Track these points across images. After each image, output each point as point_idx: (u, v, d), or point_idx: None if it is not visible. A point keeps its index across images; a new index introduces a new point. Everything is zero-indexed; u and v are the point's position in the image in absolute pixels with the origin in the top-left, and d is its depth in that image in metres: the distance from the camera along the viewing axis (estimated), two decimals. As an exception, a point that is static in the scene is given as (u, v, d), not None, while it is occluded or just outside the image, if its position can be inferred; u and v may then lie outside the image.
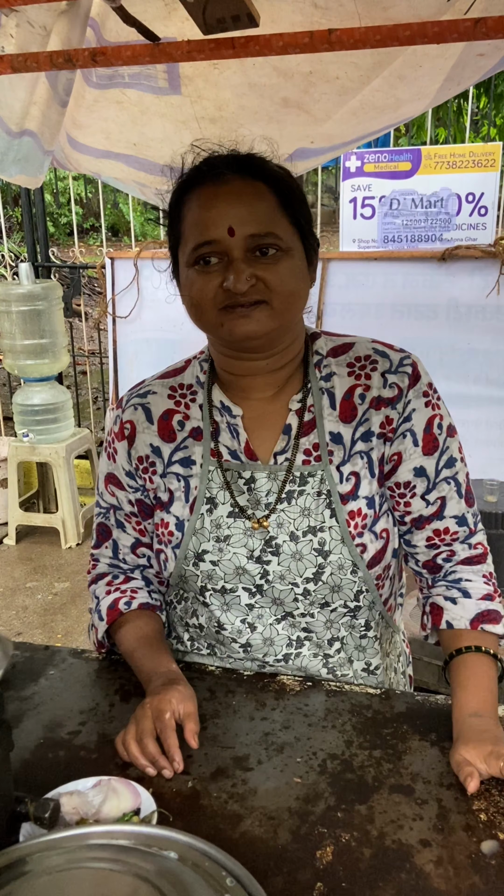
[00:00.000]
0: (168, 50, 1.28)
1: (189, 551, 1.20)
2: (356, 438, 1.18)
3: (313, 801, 0.97)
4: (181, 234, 1.13)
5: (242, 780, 1.01)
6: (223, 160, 1.11)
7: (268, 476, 1.18)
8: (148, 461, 1.24)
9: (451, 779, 1.01)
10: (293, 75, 1.73)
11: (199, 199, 1.09)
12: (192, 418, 1.24)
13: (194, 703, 1.09)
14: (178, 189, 1.14)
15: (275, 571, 1.18)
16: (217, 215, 1.07)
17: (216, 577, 1.20)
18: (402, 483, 1.19)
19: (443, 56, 1.71)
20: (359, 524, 1.16)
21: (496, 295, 3.59)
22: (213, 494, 1.20)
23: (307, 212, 1.15)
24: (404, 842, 0.91)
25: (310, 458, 1.18)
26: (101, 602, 1.30)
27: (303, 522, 1.16)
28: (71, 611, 3.62)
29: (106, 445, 1.31)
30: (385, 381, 1.17)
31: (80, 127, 2.05)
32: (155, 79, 1.79)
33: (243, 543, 1.18)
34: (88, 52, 1.32)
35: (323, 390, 1.20)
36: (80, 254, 5.23)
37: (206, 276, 1.08)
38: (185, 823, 0.94)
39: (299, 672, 1.25)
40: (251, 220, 1.06)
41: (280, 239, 1.08)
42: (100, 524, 1.34)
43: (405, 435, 1.17)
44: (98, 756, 1.07)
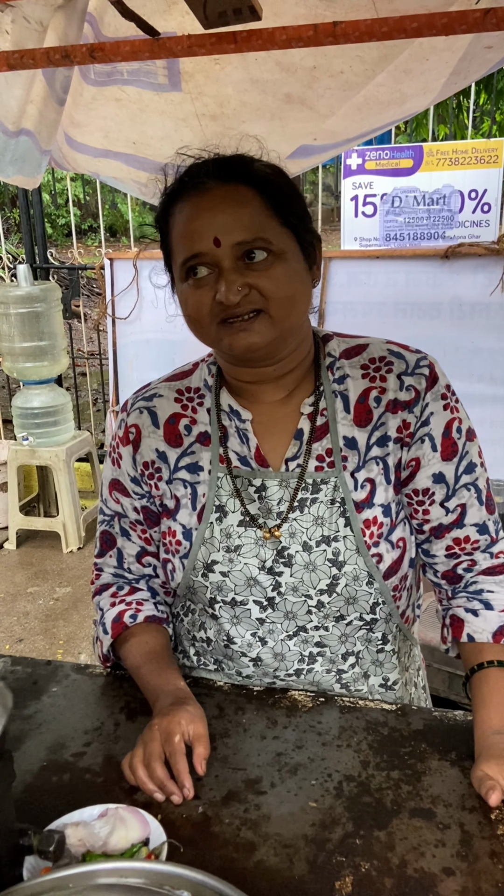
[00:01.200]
0: (168, 45, 1.23)
1: (198, 561, 1.16)
2: (371, 443, 1.13)
3: (330, 827, 0.93)
4: (171, 248, 1.10)
5: (255, 804, 0.97)
6: (205, 168, 1.06)
7: (279, 484, 1.14)
8: (153, 467, 1.20)
9: (473, 801, 0.96)
10: (296, 70, 1.68)
11: (182, 211, 1.06)
12: (199, 423, 1.19)
13: (204, 725, 1.04)
14: (164, 202, 1.10)
15: (287, 583, 1.14)
16: (201, 226, 1.03)
17: (226, 589, 1.16)
18: (421, 490, 1.15)
19: (450, 49, 1.67)
20: (374, 533, 1.12)
21: (500, 293, 3.55)
22: (222, 502, 1.15)
23: (300, 209, 1.10)
24: (427, 870, 0.87)
25: (322, 464, 1.13)
26: (105, 615, 1.25)
27: (316, 532, 1.12)
28: (73, 616, 3.58)
29: (110, 451, 1.26)
30: (401, 383, 1.13)
31: (78, 125, 2.01)
32: (155, 75, 1.74)
33: (254, 554, 1.14)
34: (86, 48, 1.28)
35: (336, 393, 1.15)
36: (79, 255, 5.18)
37: (199, 291, 1.05)
38: (196, 853, 0.89)
39: (311, 686, 1.21)
40: (237, 228, 1.02)
41: (270, 243, 1.03)
42: (103, 532, 1.29)
43: (423, 440, 1.13)
44: (104, 780, 1.03)
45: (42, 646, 3.35)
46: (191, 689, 1.14)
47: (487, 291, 3.56)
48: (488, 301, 3.58)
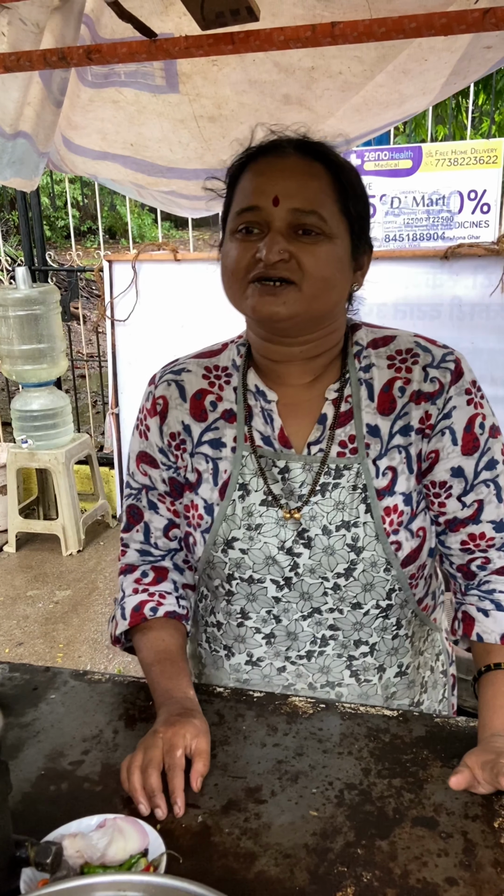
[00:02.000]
0: (165, 46, 1.23)
1: (219, 537, 1.17)
2: (394, 432, 1.14)
3: (331, 836, 0.92)
4: (231, 202, 1.12)
5: (255, 813, 0.96)
6: (290, 139, 1.11)
7: (303, 466, 1.15)
8: (179, 438, 1.22)
9: (476, 810, 0.95)
10: (294, 71, 1.68)
11: (254, 169, 1.09)
12: (224, 400, 1.21)
13: (208, 741, 1.03)
14: (239, 161, 1.13)
15: (305, 564, 1.14)
16: (266, 183, 1.05)
17: (244, 566, 1.17)
18: (438, 482, 1.15)
19: (449, 49, 1.66)
20: (394, 521, 1.13)
21: (500, 293, 3.54)
22: (246, 481, 1.16)
23: (363, 209, 1.12)
24: (430, 880, 0.86)
25: (345, 450, 1.14)
26: (126, 599, 1.26)
27: (336, 516, 1.13)
28: (73, 619, 3.57)
29: (138, 423, 1.27)
30: (426, 374, 1.13)
31: (76, 128, 2.00)
32: (152, 76, 1.74)
33: (275, 533, 1.15)
34: (83, 50, 1.27)
35: (361, 381, 1.16)
36: (78, 257, 5.18)
37: (244, 245, 1.06)
38: (196, 864, 0.88)
39: (321, 674, 1.20)
40: (299, 195, 1.04)
41: (324, 222, 1.05)
42: (130, 506, 1.30)
43: (444, 432, 1.13)
44: (102, 789, 1.01)
45: (42, 649, 3.34)
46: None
47: (487, 292, 3.56)
48: (488, 302, 3.57)
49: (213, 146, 1.99)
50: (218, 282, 1.12)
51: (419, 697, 1.29)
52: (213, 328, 4.35)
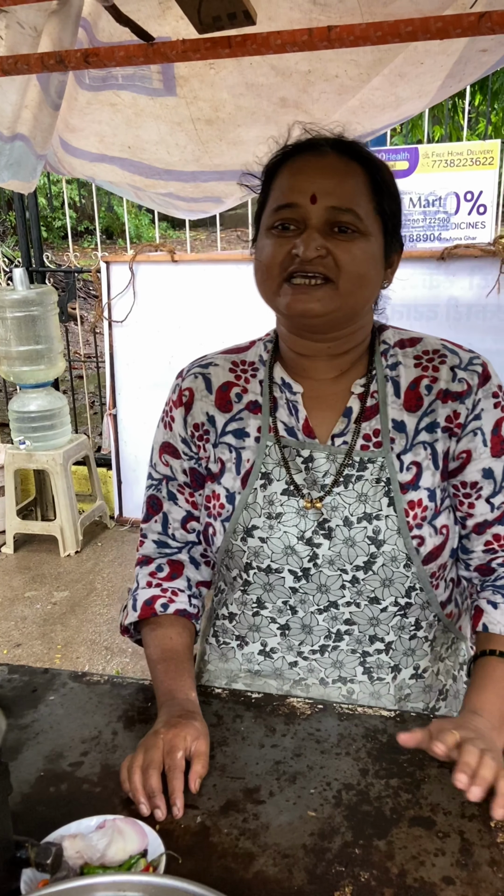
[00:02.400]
0: (162, 50, 1.23)
1: (239, 525, 1.18)
2: (420, 428, 1.15)
3: (329, 836, 0.93)
4: (268, 198, 1.13)
5: (254, 814, 0.97)
6: (327, 139, 1.13)
7: (327, 457, 1.16)
8: (202, 429, 1.23)
9: (473, 809, 0.96)
10: (291, 74, 1.68)
11: (291, 166, 1.11)
12: (250, 392, 1.23)
13: (207, 743, 1.04)
14: (276, 158, 1.14)
15: (324, 555, 1.15)
16: (304, 181, 1.07)
17: (263, 555, 1.17)
18: (469, 483, 1.17)
19: (445, 52, 1.67)
20: (418, 515, 1.14)
21: (496, 294, 3.55)
22: (268, 470, 1.18)
23: (396, 208, 1.15)
24: (427, 880, 0.86)
25: (369, 443, 1.16)
26: (139, 591, 1.28)
27: (358, 508, 1.14)
28: (71, 620, 3.57)
29: (163, 415, 1.30)
30: (454, 375, 1.15)
31: (73, 130, 2.01)
32: (149, 80, 1.74)
33: (295, 523, 1.16)
34: (80, 54, 1.28)
35: (388, 378, 1.18)
36: (75, 258, 5.18)
37: (279, 241, 1.08)
38: (194, 864, 0.89)
39: (333, 668, 1.21)
40: (336, 193, 1.06)
41: (360, 220, 1.07)
42: (151, 496, 1.32)
43: (475, 433, 1.15)
44: (101, 790, 1.02)
45: (40, 650, 3.34)
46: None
47: (484, 293, 3.57)
48: (485, 302, 3.59)
49: (210, 149, 1.99)
50: (215, 282, 1.15)
51: (435, 703, 1.29)
52: (211, 329, 4.37)
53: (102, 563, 4.14)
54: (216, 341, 4.54)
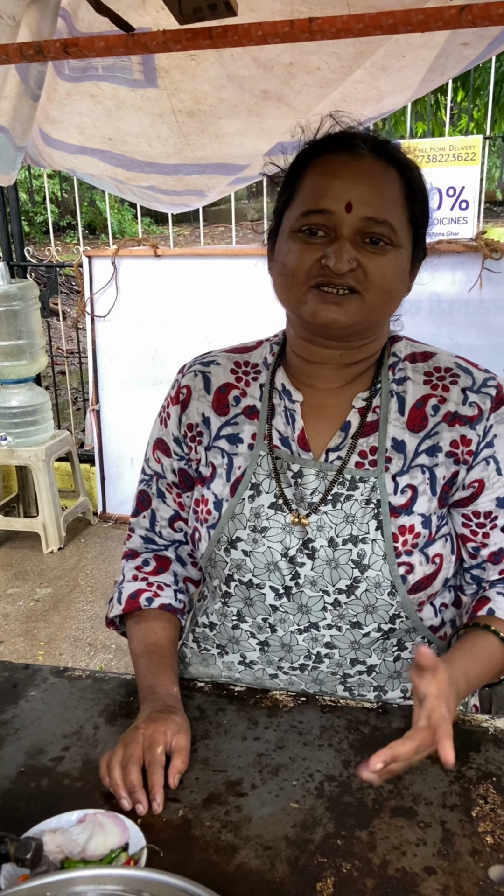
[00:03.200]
0: (143, 40, 1.22)
1: (223, 535, 1.15)
2: (420, 450, 1.11)
3: (311, 828, 0.93)
4: (293, 196, 1.07)
5: (236, 806, 0.96)
6: (363, 136, 1.05)
7: (316, 473, 1.12)
8: (196, 430, 1.21)
9: (454, 799, 0.97)
10: (273, 66, 1.67)
11: (325, 164, 1.04)
12: (248, 396, 1.19)
13: (188, 738, 1.04)
14: (307, 150, 1.08)
15: (307, 575, 1.12)
16: (339, 186, 1.01)
17: (245, 569, 1.15)
18: (483, 513, 1.13)
19: (426, 46, 1.67)
20: (409, 541, 1.09)
21: (478, 290, 3.57)
22: (258, 481, 1.14)
23: (426, 215, 1.10)
24: (408, 870, 0.87)
25: (364, 461, 1.12)
26: (124, 584, 1.27)
27: (345, 529, 1.10)
28: (54, 617, 3.55)
29: (161, 410, 1.27)
30: (465, 398, 1.10)
31: (53, 122, 1.98)
32: (130, 71, 1.72)
33: (280, 539, 1.12)
34: (60, 44, 1.26)
35: (393, 393, 1.14)
36: (57, 252, 5.14)
37: (308, 248, 1.03)
38: (176, 857, 0.89)
39: (314, 684, 1.19)
40: (373, 202, 1.01)
41: (394, 233, 1.02)
42: (141, 491, 1.30)
43: (488, 462, 1.11)
44: (83, 784, 1.01)
45: (23, 647, 3.32)
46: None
47: (466, 288, 3.58)
48: (467, 298, 3.60)
49: (192, 141, 1.98)
50: (198, 277, 1.13)
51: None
52: (194, 324, 4.34)
53: (86, 560, 4.11)
54: (200, 337, 4.51)
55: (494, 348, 3.59)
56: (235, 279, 3.80)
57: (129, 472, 4.31)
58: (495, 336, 3.60)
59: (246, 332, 1.39)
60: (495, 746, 1.06)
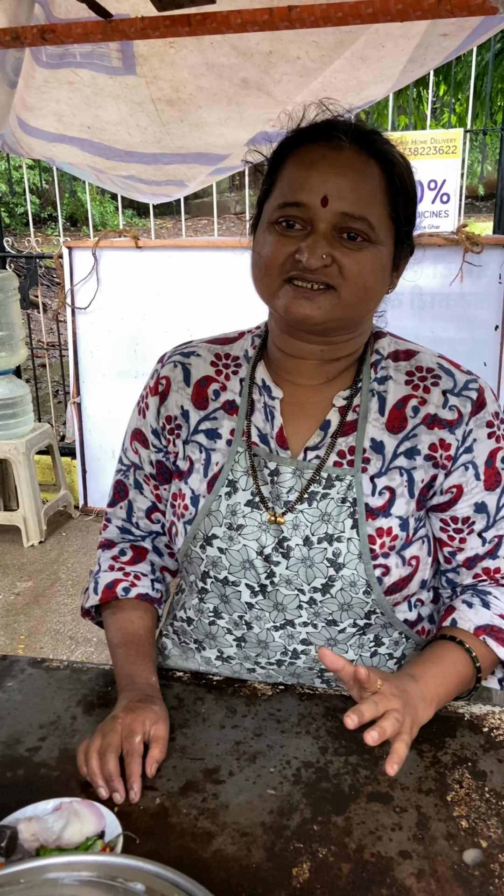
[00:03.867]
0: (121, 27, 1.21)
1: (199, 531, 1.14)
2: (399, 452, 1.10)
3: (288, 814, 0.93)
4: (273, 187, 1.06)
5: (213, 794, 0.96)
6: (345, 127, 1.02)
7: (293, 472, 1.11)
8: (175, 422, 1.19)
9: (429, 784, 0.97)
10: (253, 55, 1.66)
11: (304, 155, 1.02)
12: (228, 390, 1.18)
13: (166, 727, 1.03)
14: (288, 140, 1.06)
15: (282, 574, 1.11)
16: (315, 179, 0.99)
17: (220, 566, 1.14)
18: (461, 518, 1.12)
19: (406, 36, 1.66)
20: (386, 543, 1.09)
21: (459, 283, 3.58)
22: (235, 478, 1.13)
23: (411, 213, 1.07)
24: (384, 854, 0.87)
25: (343, 460, 1.10)
26: (100, 574, 1.26)
27: (320, 528, 1.09)
28: (34, 611, 3.53)
29: (139, 400, 1.26)
30: (445, 401, 1.09)
31: (31, 109, 1.96)
32: (108, 58, 1.71)
33: (255, 537, 1.11)
34: (37, 30, 1.25)
35: (374, 392, 1.12)
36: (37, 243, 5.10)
37: (283, 240, 1.01)
38: (153, 845, 0.89)
39: (291, 678, 1.19)
40: (350, 197, 0.99)
41: (372, 230, 1.00)
42: (118, 482, 1.29)
43: (467, 467, 1.10)
44: (59, 774, 1.01)
45: (3, 641, 3.30)
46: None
47: (447, 281, 3.59)
48: (448, 291, 3.61)
49: (172, 130, 1.96)
50: (180, 269, 1.11)
51: None
52: (176, 317, 4.32)
53: (67, 553, 4.09)
54: (182, 329, 4.48)
55: (475, 342, 3.62)
56: (217, 271, 3.79)
57: (110, 466, 4.29)
58: (476, 329, 3.62)
59: (228, 324, 1.38)
60: (471, 732, 1.07)
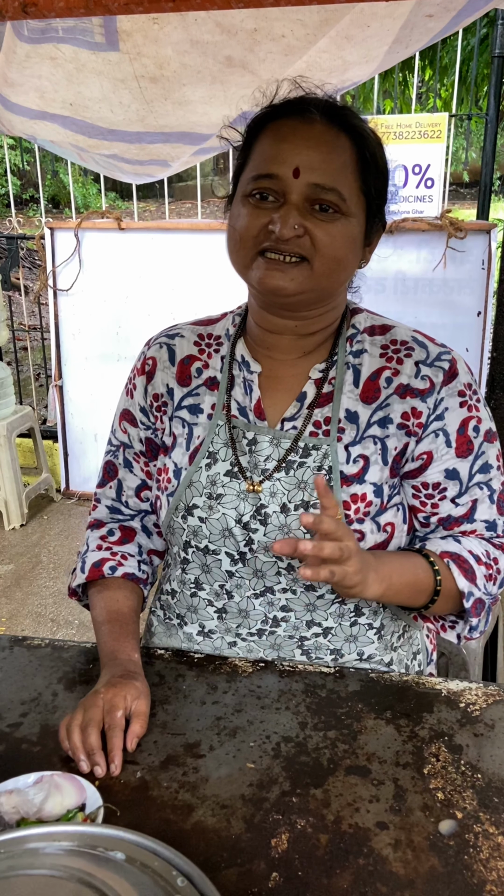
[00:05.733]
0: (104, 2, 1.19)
1: (181, 502, 1.17)
2: (372, 421, 1.13)
3: (267, 786, 0.94)
4: (247, 161, 1.07)
5: (194, 767, 0.97)
6: (316, 102, 1.05)
7: (270, 441, 1.14)
8: (161, 400, 1.22)
9: (407, 758, 0.99)
10: (237, 32, 1.65)
11: (277, 129, 1.04)
12: (210, 367, 1.21)
13: (147, 703, 1.04)
14: (261, 116, 1.08)
15: (260, 541, 1.14)
16: (287, 151, 1.01)
17: (201, 535, 1.16)
18: (431, 484, 1.15)
19: (391, 16, 1.66)
20: (360, 509, 1.11)
21: (442, 269, 3.59)
22: (215, 449, 1.16)
23: (382, 187, 1.10)
24: (361, 825, 0.88)
25: (319, 430, 1.14)
26: (88, 553, 1.27)
27: (297, 495, 1.12)
28: (15, 594, 3.53)
29: (127, 382, 1.29)
30: (418, 371, 1.12)
31: (12, 85, 1.94)
32: (91, 33, 1.69)
33: (234, 506, 1.14)
34: (18, 3, 1.23)
35: (349, 365, 1.15)
36: (19, 224, 5.04)
37: (256, 212, 1.03)
38: (133, 817, 0.89)
39: (272, 649, 1.20)
40: (321, 169, 1.01)
41: (343, 201, 1.02)
42: (107, 462, 1.31)
43: (437, 434, 1.12)
44: (41, 749, 1.01)
45: (-16, 624, 3.29)
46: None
47: (430, 266, 3.60)
48: (431, 276, 3.62)
49: (155, 108, 1.95)
50: (163, 251, 1.12)
51: None
52: (159, 299, 4.29)
53: (49, 537, 4.08)
54: (165, 311, 4.45)
55: (457, 327, 3.63)
56: (201, 254, 3.77)
57: (92, 449, 4.28)
58: (458, 315, 3.63)
59: (211, 306, 1.39)
60: (447, 707, 1.08)
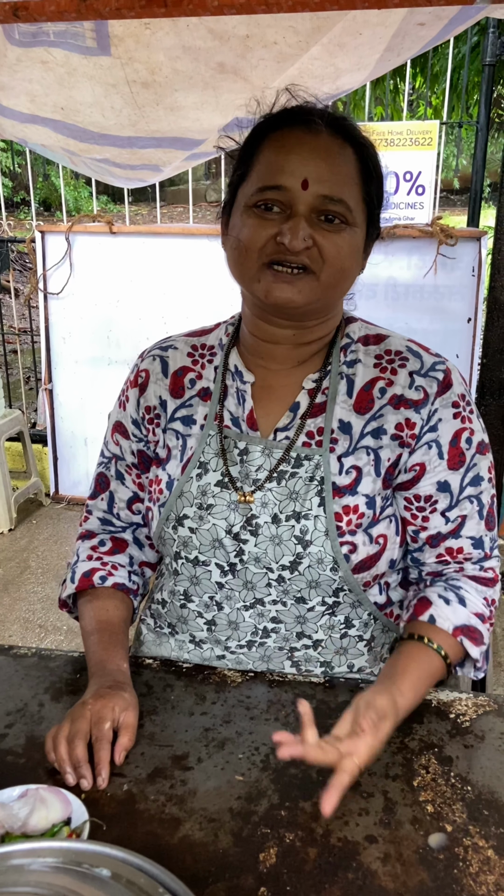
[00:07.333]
0: (95, 6, 1.19)
1: (171, 513, 1.16)
2: (366, 432, 1.12)
3: (256, 799, 0.93)
4: (249, 171, 1.06)
5: (181, 780, 0.96)
6: (320, 112, 1.05)
7: (262, 451, 1.13)
8: (154, 412, 1.22)
9: (396, 769, 0.98)
10: (229, 39, 1.64)
11: (281, 139, 1.04)
12: (203, 378, 1.20)
13: (136, 714, 1.03)
14: (263, 125, 1.07)
15: (250, 552, 1.13)
16: (296, 162, 1.01)
17: (191, 546, 1.15)
18: (424, 496, 1.13)
19: (383, 24, 1.66)
20: (353, 521, 1.10)
21: (433, 275, 3.60)
22: (206, 460, 1.15)
23: (380, 194, 1.10)
24: (350, 839, 0.88)
25: (311, 441, 1.13)
26: (78, 564, 1.26)
27: (288, 506, 1.11)
28: (3, 599, 3.50)
29: (120, 394, 1.28)
30: (412, 381, 1.11)
31: (3, 88, 1.92)
32: (82, 37, 1.68)
33: (224, 516, 1.13)
34: (9, 7, 1.22)
35: (342, 375, 1.14)
36: (10, 226, 5.02)
37: (262, 223, 1.02)
38: (120, 831, 0.88)
39: (261, 662, 1.19)
40: (330, 180, 1.01)
41: (350, 211, 1.03)
42: (99, 474, 1.30)
43: (430, 446, 1.11)
44: (26, 761, 1.00)
45: (-29, 630, 3.26)
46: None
47: (421, 273, 3.61)
48: (422, 283, 3.63)
49: (147, 113, 1.94)
50: (155, 255, 1.11)
51: None
52: (150, 303, 4.28)
53: (37, 542, 4.06)
54: (156, 316, 4.44)
55: (448, 333, 3.64)
56: (192, 258, 3.76)
57: (82, 453, 4.25)
58: (449, 322, 3.64)
59: (202, 311, 1.39)
60: (437, 718, 1.08)
